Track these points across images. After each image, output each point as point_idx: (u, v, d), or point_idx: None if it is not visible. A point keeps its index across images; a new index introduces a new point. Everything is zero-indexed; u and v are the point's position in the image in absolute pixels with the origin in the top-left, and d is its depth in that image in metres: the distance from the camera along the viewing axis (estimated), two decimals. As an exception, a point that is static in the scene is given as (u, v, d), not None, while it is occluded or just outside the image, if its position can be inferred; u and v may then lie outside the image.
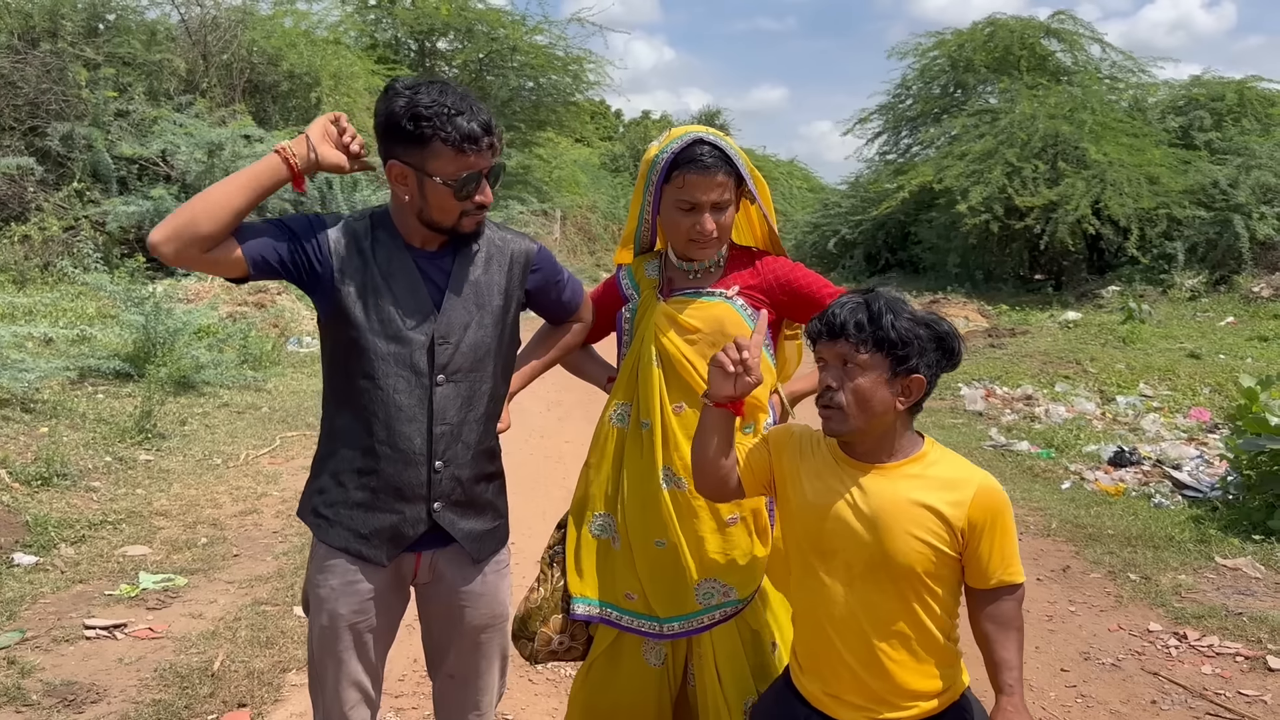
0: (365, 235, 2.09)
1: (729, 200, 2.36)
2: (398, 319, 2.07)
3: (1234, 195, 17.03)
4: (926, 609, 1.97)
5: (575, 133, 28.73)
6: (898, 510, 1.94)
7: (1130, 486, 6.63)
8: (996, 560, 1.95)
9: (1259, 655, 4.09)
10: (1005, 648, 1.96)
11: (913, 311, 1.96)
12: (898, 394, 1.94)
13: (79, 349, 8.50)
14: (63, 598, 4.35)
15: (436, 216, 2.05)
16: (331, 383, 2.16)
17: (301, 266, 2.04)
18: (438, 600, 2.26)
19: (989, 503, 1.94)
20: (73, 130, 13.05)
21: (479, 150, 1.98)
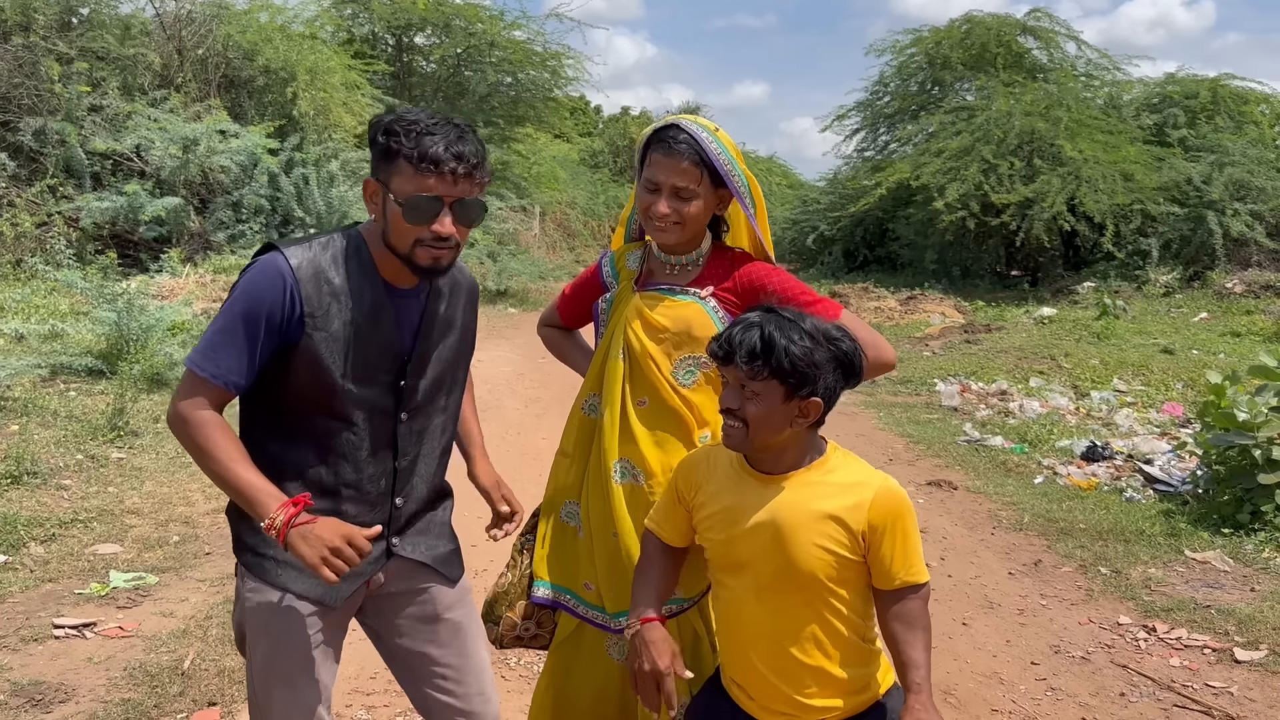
0: (337, 268, 1.95)
1: (693, 190, 2.30)
2: (371, 362, 1.98)
3: (1207, 192, 17.20)
4: (835, 613, 2.00)
5: (554, 128, 28.61)
6: (799, 520, 1.96)
7: (1102, 481, 6.69)
8: (899, 562, 1.96)
9: (1226, 648, 4.14)
10: (912, 647, 1.96)
11: (814, 329, 1.96)
12: (795, 415, 1.96)
13: (51, 346, 8.42)
14: (31, 597, 4.31)
15: (393, 240, 1.93)
16: (279, 413, 2.00)
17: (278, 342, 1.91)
18: (397, 598, 2.17)
19: (888, 505, 1.96)
20: (45, 125, 12.92)
21: (440, 174, 1.85)
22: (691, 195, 2.31)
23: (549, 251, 26.00)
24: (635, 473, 2.38)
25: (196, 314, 10.11)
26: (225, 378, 1.88)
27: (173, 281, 11.56)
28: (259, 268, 1.92)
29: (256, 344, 1.89)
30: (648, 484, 2.36)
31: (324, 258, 1.95)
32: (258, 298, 1.88)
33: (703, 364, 2.37)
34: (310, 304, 1.90)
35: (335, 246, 1.98)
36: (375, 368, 2.00)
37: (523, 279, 19.81)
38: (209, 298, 11.13)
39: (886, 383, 10.91)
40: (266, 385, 1.97)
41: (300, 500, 1.84)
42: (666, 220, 2.32)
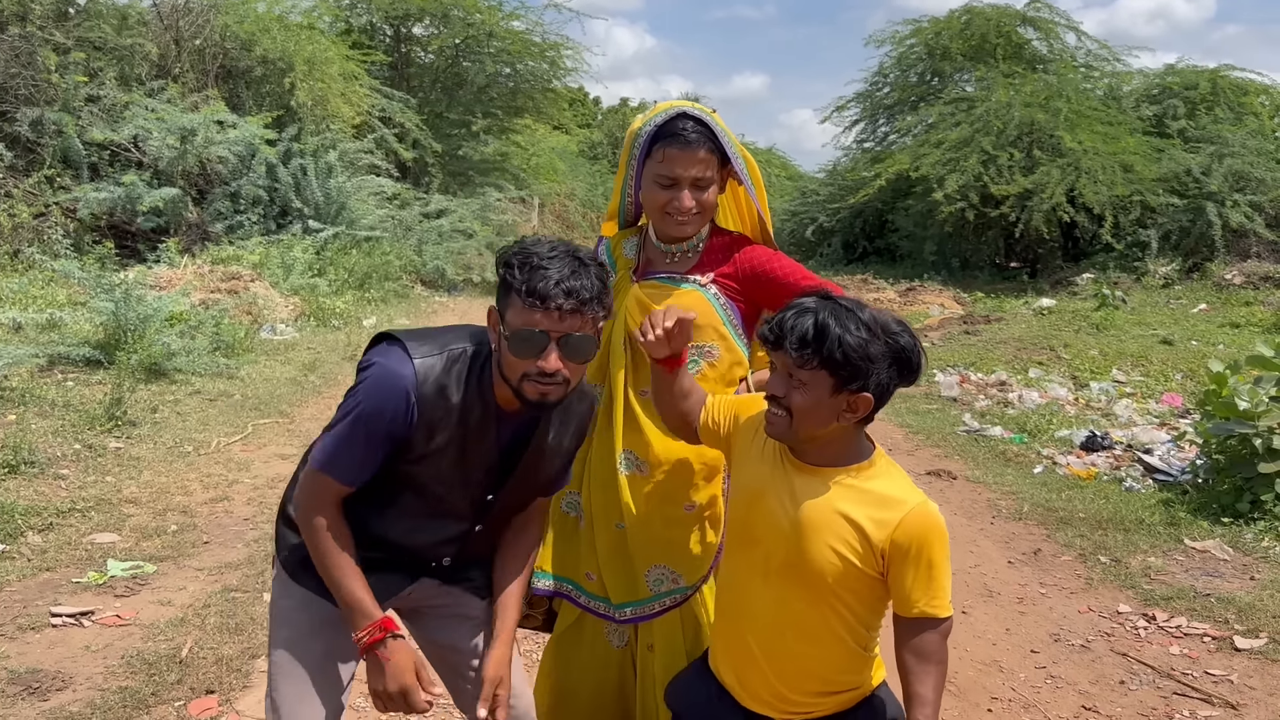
0: (458, 387, 1.96)
1: (710, 178, 2.30)
2: (464, 477, 2.03)
3: (1207, 183, 17.19)
4: (838, 618, 1.92)
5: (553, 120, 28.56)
6: (820, 517, 1.88)
7: (1102, 470, 6.68)
8: (920, 590, 1.87)
9: (1226, 635, 4.13)
10: (922, 682, 1.86)
11: (872, 320, 1.85)
12: (842, 410, 1.87)
13: (48, 336, 8.40)
14: (29, 585, 4.29)
15: (505, 370, 1.93)
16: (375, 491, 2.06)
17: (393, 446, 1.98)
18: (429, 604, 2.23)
19: (917, 530, 1.86)
20: (42, 115, 12.86)
21: (547, 310, 1.82)
22: (709, 184, 2.30)
23: (548, 243, 25.95)
24: (639, 463, 2.36)
25: (194, 304, 10.09)
26: (347, 478, 1.97)
27: (170, 272, 11.52)
28: (384, 377, 1.93)
29: (376, 451, 1.96)
30: (652, 474, 2.34)
31: (449, 374, 1.96)
32: (379, 411, 1.92)
33: (706, 353, 2.35)
34: (426, 416, 1.94)
35: (462, 362, 1.98)
36: (466, 480, 2.04)
37: (522, 270, 19.78)
38: (207, 288, 11.11)
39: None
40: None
41: (387, 626, 1.98)
42: (689, 214, 2.30)
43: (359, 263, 14.78)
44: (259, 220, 14.36)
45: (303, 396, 8.32)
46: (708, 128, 2.28)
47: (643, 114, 2.40)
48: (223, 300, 10.63)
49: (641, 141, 2.34)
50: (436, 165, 21.16)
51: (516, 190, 22.72)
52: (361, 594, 1.96)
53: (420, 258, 17.25)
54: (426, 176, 21.26)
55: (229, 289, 11.29)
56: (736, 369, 2.41)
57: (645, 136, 2.32)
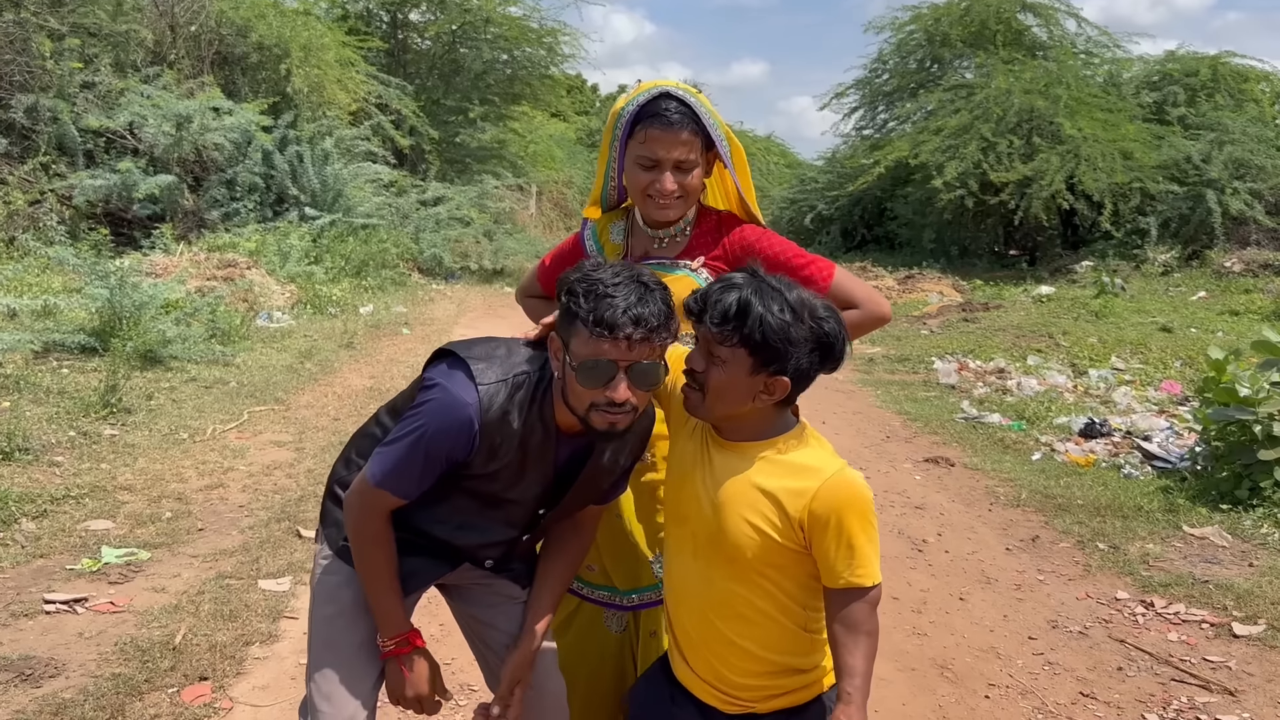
0: (519, 414, 1.95)
1: (694, 161, 2.24)
2: (517, 491, 2.04)
3: (1207, 170, 17.13)
4: (767, 596, 1.88)
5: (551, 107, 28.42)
6: (737, 491, 1.86)
7: (1100, 457, 6.67)
8: (842, 560, 1.80)
9: (1224, 622, 4.12)
10: (851, 653, 1.80)
11: (799, 302, 1.81)
12: (759, 390, 1.84)
13: (43, 323, 8.36)
14: (22, 572, 4.27)
15: (570, 400, 1.90)
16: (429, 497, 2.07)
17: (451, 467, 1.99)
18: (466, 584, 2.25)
19: (834, 498, 1.81)
20: (37, 102, 12.79)
21: (615, 340, 1.78)
22: (692, 166, 2.25)
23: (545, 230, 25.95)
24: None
25: (190, 291, 10.06)
26: (402, 494, 1.98)
27: (166, 259, 11.48)
28: (450, 406, 1.91)
29: (431, 472, 1.97)
30: (655, 461, 2.31)
31: (512, 401, 1.95)
32: (441, 436, 1.92)
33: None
34: (486, 441, 1.94)
35: (526, 389, 1.96)
36: (521, 497, 2.05)
37: (519, 258, 19.75)
38: (203, 275, 11.07)
39: (884, 361, 10.89)
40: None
41: (414, 641, 2.07)
42: (671, 197, 2.25)
43: (356, 250, 14.73)
44: (255, 207, 14.31)
45: (299, 384, 8.29)
46: (691, 109, 2.23)
47: (626, 94, 2.34)
48: (219, 288, 10.59)
49: (623, 122, 2.28)
50: (433, 152, 21.08)
51: (514, 178, 22.66)
52: (395, 605, 2.03)
53: (417, 245, 17.20)
54: (423, 164, 21.19)
55: (225, 276, 11.25)
56: None
57: (627, 116, 2.27)
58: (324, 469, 5.89)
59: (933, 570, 4.78)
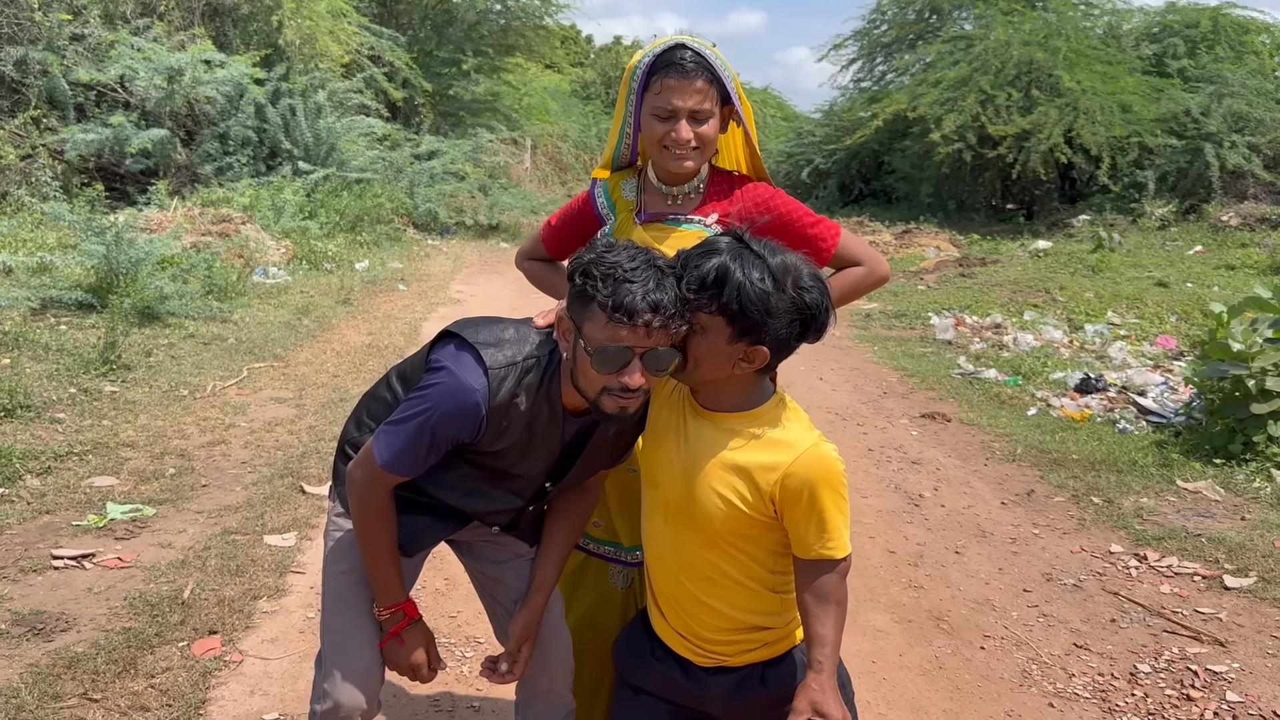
0: (527, 397, 1.97)
1: (710, 110, 2.25)
2: (524, 466, 2.07)
3: (1205, 124, 17.03)
4: (733, 561, 1.91)
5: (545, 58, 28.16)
6: (709, 462, 1.87)
7: (1096, 413, 6.72)
8: (814, 533, 1.83)
9: (1216, 575, 4.19)
10: (821, 622, 1.83)
11: (781, 269, 1.78)
12: (738, 359, 1.82)
13: (40, 279, 8.34)
14: (29, 529, 4.31)
15: (581, 384, 1.90)
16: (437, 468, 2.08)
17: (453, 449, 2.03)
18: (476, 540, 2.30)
19: (807, 473, 1.81)
20: (26, 55, 12.62)
21: (633, 326, 1.76)
22: (708, 116, 2.26)
23: (540, 185, 25.77)
24: None
25: (186, 247, 10.02)
26: (405, 471, 2.00)
27: (161, 215, 11.42)
28: (458, 390, 1.92)
29: (436, 452, 1.99)
30: None
31: (520, 385, 1.96)
32: (448, 421, 1.94)
33: None
34: (492, 426, 1.97)
35: (535, 373, 1.98)
36: (527, 471, 2.08)
37: (514, 213, 19.63)
38: (198, 231, 11.02)
39: (881, 317, 10.91)
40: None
41: (409, 613, 2.12)
42: (687, 147, 2.24)
43: (350, 205, 14.64)
44: (248, 162, 14.20)
45: (297, 340, 8.30)
46: (706, 59, 2.24)
47: (641, 50, 2.35)
48: (214, 243, 10.55)
49: (639, 75, 2.29)
50: (427, 105, 20.88)
51: (508, 131, 22.43)
52: (392, 577, 2.07)
53: (412, 200, 17.09)
54: (417, 117, 20.99)
55: (220, 232, 11.20)
56: None
57: (643, 69, 2.28)
58: (325, 425, 5.92)
59: (929, 524, 4.84)
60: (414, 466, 1.99)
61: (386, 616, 2.09)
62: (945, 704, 3.28)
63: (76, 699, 3.01)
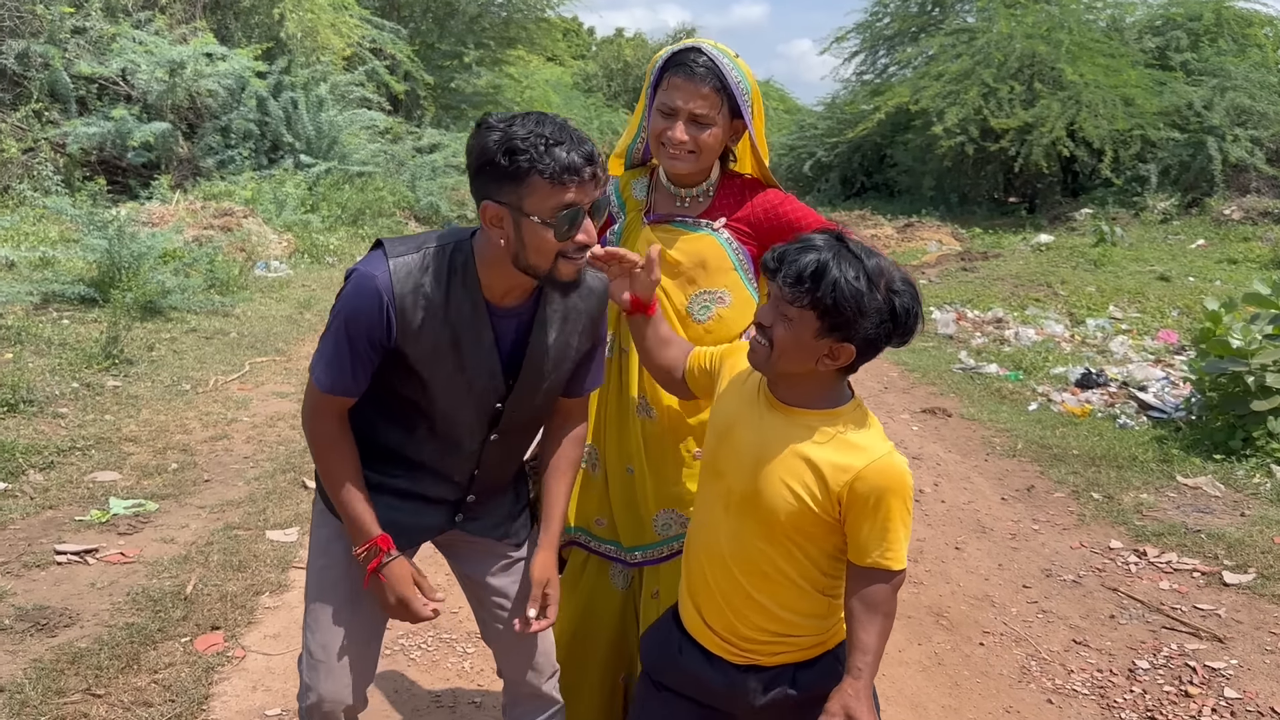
0: (438, 286, 1.93)
1: (711, 118, 2.24)
2: (467, 384, 2.00)
3: (1208, 117, 17.03)
4: (790, 558, 1.91)
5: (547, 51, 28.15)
6: (781, 455, 1.87)
7: (1096, 408, 6.73)
8: (874, 540, 1.83)
9: (1215, 571, 4.20)
10: (866, 630, 1.84)
11: (876, 271, 1.79)
12: (823, 354, 1.82)
13: (42, 273, 8.35)
14: (32, 523, 4.33)
15: (534, 260, 1.87)
16: (382, 397, 2.05)
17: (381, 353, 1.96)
18: (461, 540, 2.24)
19: (879, 481, 1.82)
20: (28, 48, 12.63)
21: (580, 182, 1.80)
22: (709, 123, 2.24)
23: (543, 178, 25.68)
24: (649, 408, 2.37)
25: (188, 241, 10.03)
26: (340, 388, 1.96)
27: (163, 208, 11.43)
28: (359, 283, 1.91)
29: (360, 358, 1.94)
30: (662, 419, 2.35)
31: (427, 275, 1.93)
32: (356, 317, 1.91)
33: (718, 299, 2.34)
34: (405, 319, 1.91)
35: (440, 259, 1.94)
36: (471, 389, 2.00)
37: (516, 206, 19.61)
38: (199, 225, 11.03)
39: (882, 310, 10.90)
40: (379, 374, 2.01)
41: (384, 546, 2.01)
42: (682, 148, 2.24)
43: (352, 198, 14.64)
44: (250, 155, 14.20)
45: (299, 334, 8.31)
46: (719, 68, 2.23)
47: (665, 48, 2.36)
48: (216, 237, 10.55)
49: (655, 71, 2.30)
50: (428, 98, 20.85)
51: (511, 124, 22.39)
52: (361, 512, 1.99)
53: (414, 193, 17.07)
54: (418, 110, 20.96)
55: (222, 225, 11.21)
56: (748, 315, 2.39)
57: (659, 66, 2.29)
58: (327, 420, 5.93)
59: (929, 520, 4.86)
60: (345, 378, 1.94)
61: (362, 554, 2.01)
62: (944, 700, 3.30)
63: (80, 694, 3.03)
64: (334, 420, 1.99)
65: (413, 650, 3.47)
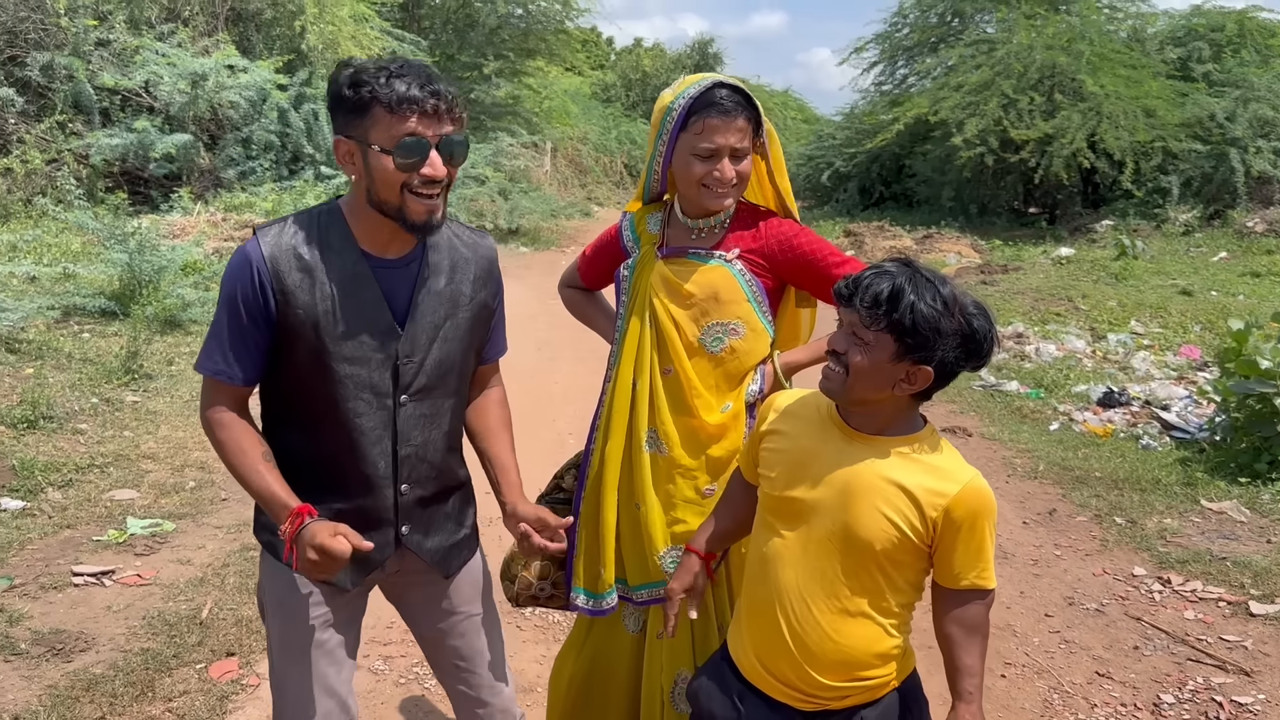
0: (310, 245, 1.91)
1: (747, 148, 2.27)
2: (356, 339, 1.92)
3: (1231, 129, 16.88)
4: (877, 592, 1.90)
5: (566, 61, 28.14)
6: (872, 483, 1.86)
7: (1118, 428, 6.65)
8: (969, 563, 1.87)
9: (1241, 600, 4.13)
10: (969, 653, 1.88)
11: (951, 296, 1.81)
12: (899, 379, 1.84)
13: (63, 287, 8.41)
14: (50, 544, 4.34)
15: (383, 194, 1.86)
16: (278, 402, 2.01)
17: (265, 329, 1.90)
18: (414, 587, 2.16)
19: (973, 503, 1.85)
20: (53, 60, 12.75)
21: (421, 113, 1.80)
22: (746, 154, 2.28)
23: (561, 189, 25.77)
24: (659, 443, 2.34)
25: (208, 254, 10.08)
26: (226, 373, 1.91)
27: (184, 220, 11.50)
28: (232, 261, 1.91)
29: (242, 335, 1.89)
30: (672, 454, 2.33)
31: (297, 236, 1.91)
32: (230, 289, 1.89)
33: (731, 330, 2.32)
34: (280, 282, 1.87)
35: (309, 221, 1.94)
36: (364, 345, 1.93)
37: (534, 217, 19.63)
38: (220, 237, 11.08)
39: (901, 324, 10.84)
40: (273, 375, 1.97)
41: (304, 511, 1.84)
42: (729, 185, 2.27)
43: (372, 210, 14.68)
44: (271, 166, 14.28)
45: (317, 348, 8.32)
46: (745, 95, 2.26)
47: (670, 88, 2.33)
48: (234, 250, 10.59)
49: (676, 115, 2.28)
50: (448, 110, 20.91)
51: (529, 135, 22.44)
52: (274, 486, 1.87)
53: (433, 204, 17.14)
54: (438, 121, 21.01)
55: (242, 237, 11.24)
56: (761, 347, 2.37)
57: (680, 110, 2.27)
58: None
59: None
60: (225, 358, 1.89)
61: (287, 528, 1.83)
62: (965, 734, 3.25)
63: (95, 722, 3.03)
64: (226, 410, 1.92)
65: (426, 679, 3.45)
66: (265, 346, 1.92)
